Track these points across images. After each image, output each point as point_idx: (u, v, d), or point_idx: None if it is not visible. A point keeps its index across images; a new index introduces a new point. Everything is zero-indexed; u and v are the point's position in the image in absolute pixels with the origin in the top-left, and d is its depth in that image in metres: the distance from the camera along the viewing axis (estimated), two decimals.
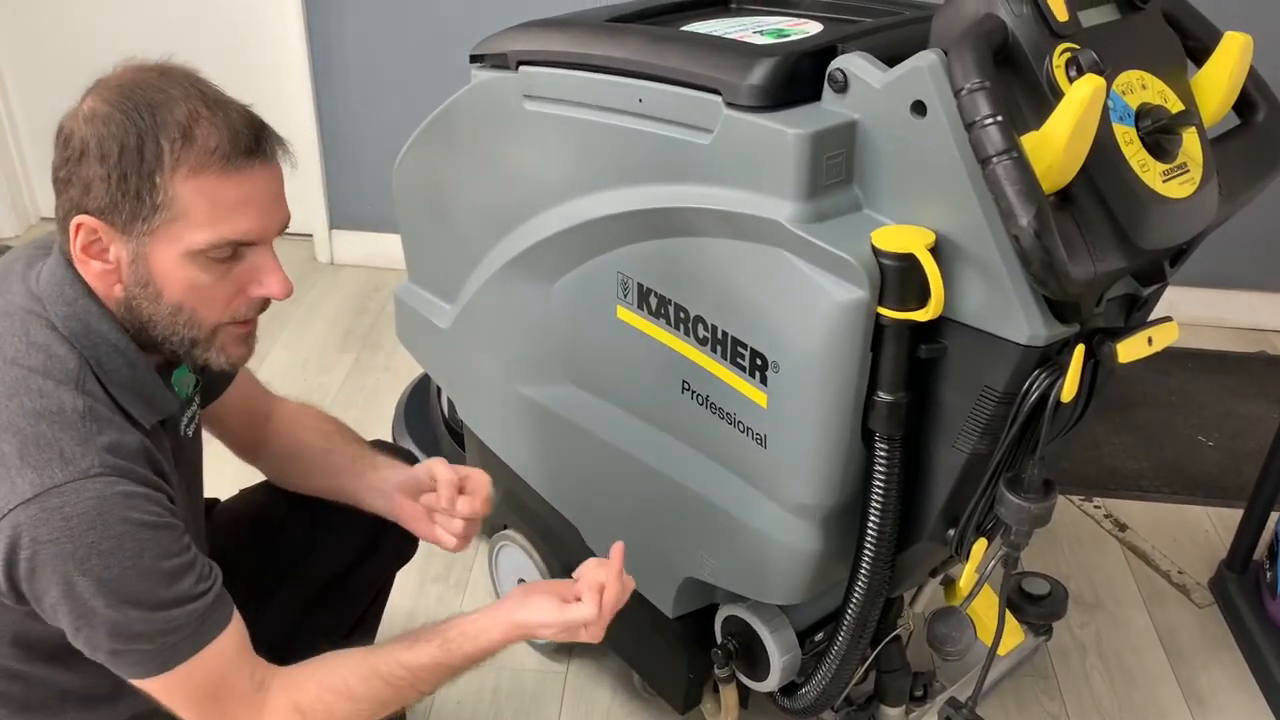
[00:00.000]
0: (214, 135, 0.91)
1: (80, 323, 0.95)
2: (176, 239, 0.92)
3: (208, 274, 0.95)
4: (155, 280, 0.94)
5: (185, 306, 0.96)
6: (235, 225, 0.94)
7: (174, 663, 0.95)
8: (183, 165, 0.90)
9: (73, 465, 0.88)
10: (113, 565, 0.89)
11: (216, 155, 0.91)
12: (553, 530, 1.59)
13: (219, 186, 0.92)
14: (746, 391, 1.15)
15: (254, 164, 0.94)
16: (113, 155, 0.90)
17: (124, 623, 0.91)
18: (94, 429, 0.91)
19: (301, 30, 2.72)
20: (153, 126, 0.90)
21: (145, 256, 0.93)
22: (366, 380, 2.50)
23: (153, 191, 0.90)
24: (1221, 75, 1.08)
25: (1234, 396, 2.52)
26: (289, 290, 1.00)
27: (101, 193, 0.91)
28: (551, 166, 1.29)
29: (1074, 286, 0.92)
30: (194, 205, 0.91)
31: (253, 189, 0.94)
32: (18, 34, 2.93)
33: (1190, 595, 1.94)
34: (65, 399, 0.91)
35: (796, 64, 1.06)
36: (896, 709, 1.44)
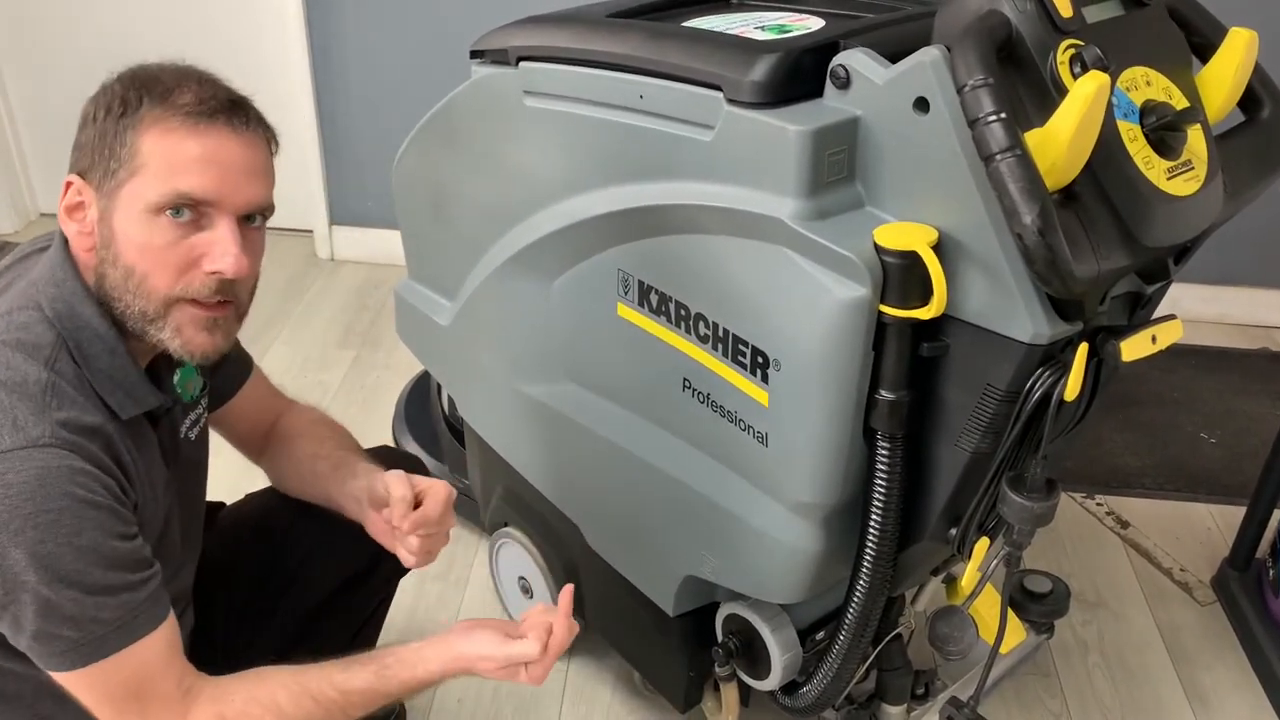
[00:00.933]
0: (188, 96, 0.94)
1: (66, 305, 0.96)
2: (136, 195, 0.94)
3: (160, 236, 0.94)
4: (115, 241, 0.95)
5: (137, 270, 0.95)
6: (189, 180, 0.93)
7: (100, 655, 0.92)
8: (156, 123, 0.93)
9: (22, 433, 0.88)
10: (48, 539, 0.87)
11: (182, 110, 0.93)
12: (553, 528, 1.59)
13: (180, 141, 0.93)
14: (748, 390, 1.14)
15: (218, 124, 0.94)
16: (100, 116, 0.95)
17: (54, 602, 0.88)
18: (52, 403, 0.90)
19: (302, 26, 2.71)
20: (139, 90, 0.94)
21: (110, 213, 0.95)
22: (367, 377, 2.50)
23: (122, 145, 0.93)
24: (1226, 71, 1.08)
25: (1236, 393, 2.51)
26: (240, 268, 0.96)
27: (84, 148, 0.96)
28: (551, 163, 1.29)
29: (1078, 285, 0.92)
30: (153, 157, 0.93)
31: (215, 149, 0.94)
32: (17, 31, 2.93)
33: (1192, 593, 1.94)
34: (30, 371, 0.91)
35: (798, 60, 1.05)
36: (898, 708, 1.44)
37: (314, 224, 3.00)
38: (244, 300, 1.03)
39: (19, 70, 2.99)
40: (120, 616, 0.92)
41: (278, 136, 1.02)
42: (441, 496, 1.19)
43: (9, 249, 1.10)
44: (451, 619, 1.83)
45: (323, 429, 1.32)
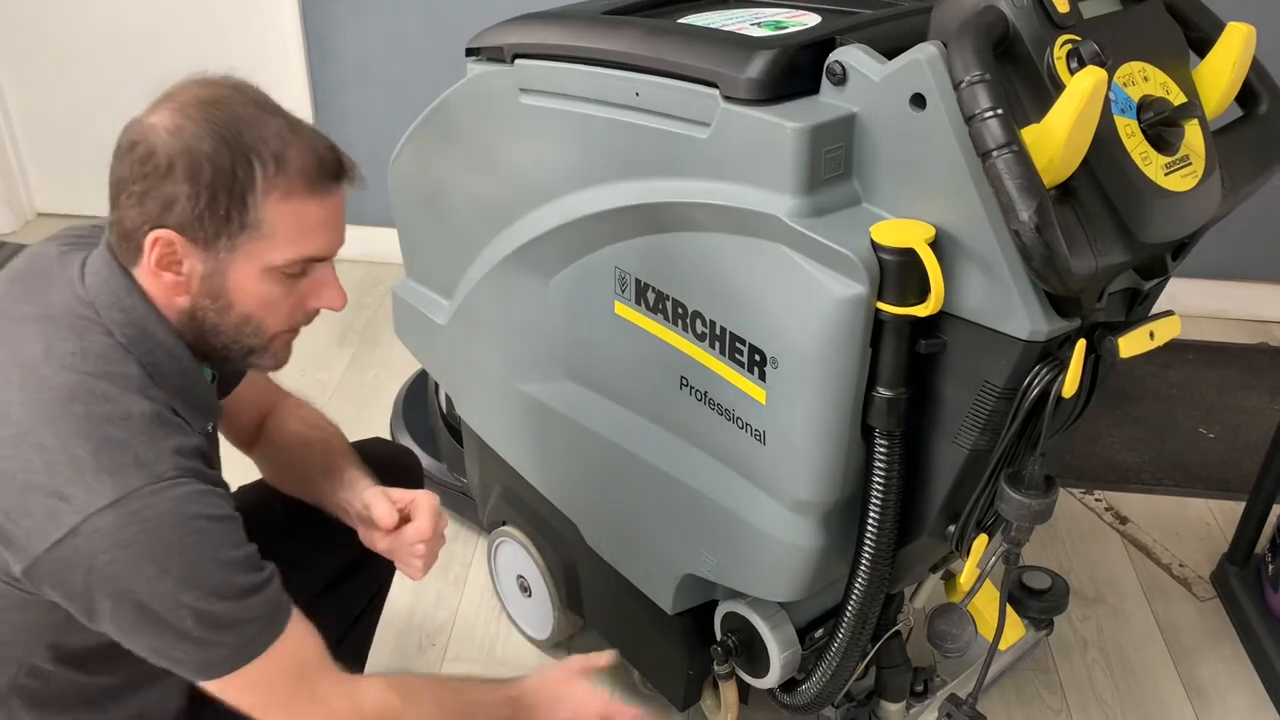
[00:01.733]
0: (304, 159, 0.95)
1: (137, 329, 0.96)
2: (257, 255, 0.95)
3: (280, 288, 0.98)
4: (228, 293, 0.97)
5: (254, 318, 0.99)
6: (315, 244, 0.98)
7: (258, 651, 0.95)
8: (275, 189, 0.93)
9: (147, 469, 0.89)
10: (197, 560, 0.90)
11: (305, 179, 0.95)
12: (551, 527, 1.59)
13: (305, 208, 0.96)
14: (745, 388, 1.14)
15: (333, 186, 0.98)
16: (204, 175, 0.91)
17: (210, 616, 0.91)
18: (162, 433, 0.92)
19: (297, 24, 2.71)
20: (244, 148, 0.92)
21: (223, 272, 0.96)
22: (364, 376, 2.49)
23: (243, 212, 0.93)
24: (1224, 67, 1.07)
25: (1235, 388, 2.51)
26: (345, 303, 1.05)
27: (187, 210, 0.92)
28: (547, 160, 1.28)
29: (1075, 281, 0.92)
30: (280, 225, 0.95)
31: (332, 210, 0.99)
32: (13, 31, 2.92)
33: (1191, 588, 1.94)
34: (132, 404, 0.92)
35: (794, 57, 1.05)
36: (897, 705, 1.44)
37: None
38: None
39: (16, 71, 2.98)
40: (265, 612, 0.96)
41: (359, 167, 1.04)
42: (428, 510, 1.20)
43: (6, 249, 1.08)
44: (450, 617, 1.83)
45: (314, 430, 1.32)
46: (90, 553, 0.87)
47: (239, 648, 0.94)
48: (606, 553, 1.48)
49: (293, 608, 0.99)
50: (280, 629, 0.97)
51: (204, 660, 0.94)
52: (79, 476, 0.87)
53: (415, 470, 1.44)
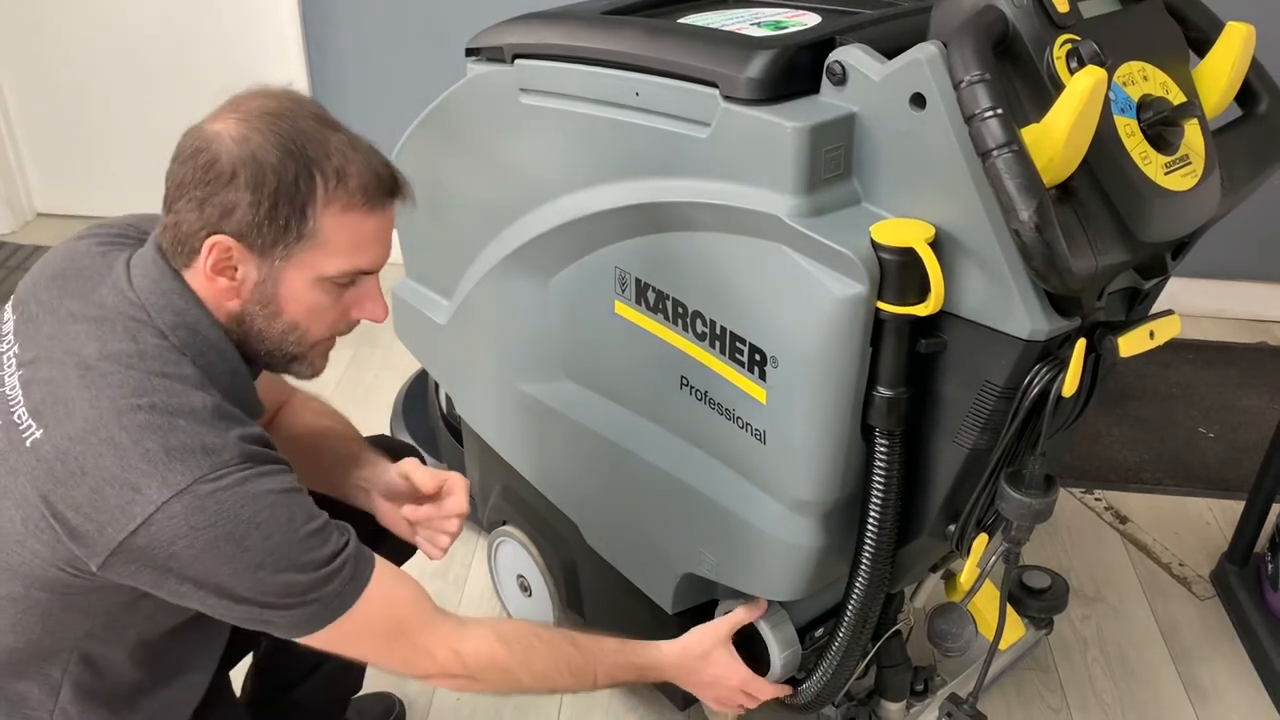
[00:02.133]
0: (363, 175, 0.98)
1: (189, 331, 0.98)
2: (311, 265, 0.98)
3: (328, 298, 1.01)
4: (278, 300, 1.00)
5: (300, 325, 1.02)
6: (367, 257, 1.01)
7: (345, 605, 0.98)
8: (335, 202, 0.96)
9: (216, 455, 0.92)
10: (273, 535, 0.93)
11: (364, 194, 0.98)
12: (551, 526, 1.59)
13: (362, 222, 0.99)
14: (745, 387, 1.14)
15: (388, 202, 1.01)
16: (267, 185, 0.94)
17: (292, 585, 0.95)
18: (224, 424, 0.95)
19: (297, 24, 2.71)
20: (306, 161, 0.95)
21: (275, 279, 0.98)
22: (364, 376, 2.49)
23: (302, 222, 0.96)
24: (1224, 66, 1.07)
25: (1235, 388, 2.51)
26: (387, 315, 1.08)
27: (247, 217, 0.95)
28: (548, 161, 1.28)
29: (1075, 281, 0.92)
30: (336, 237, 0.97)
31: (385, 225, 1.02)
32: (13, 31, 2.92)
33: (1191, 588, 1.94)
34: (194, 398, 0.95)
35: (794, 56, 1.05)
36: (897, 704, 1.44)
37: None
38: None
39: (16, 70, 2.98)
40: (348, 571, 0.98)
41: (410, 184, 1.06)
42: (461, 488, 1.24)
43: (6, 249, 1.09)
44: None
45: (325, 419, 1.34)
46: (167, 540, 0.90)
47: (324, 606, 0.97)
48: (606, 552, 1.48)
49: (376, 560, 1.02)
50: (363, 584, 0.99)
51: (293, 621, 0.97)
52: (151, 468, 0.90)
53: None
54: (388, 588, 1.02)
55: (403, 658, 1.05)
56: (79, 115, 2.98)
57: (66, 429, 0.91)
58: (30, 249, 2.98)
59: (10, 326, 1.01)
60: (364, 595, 0.99)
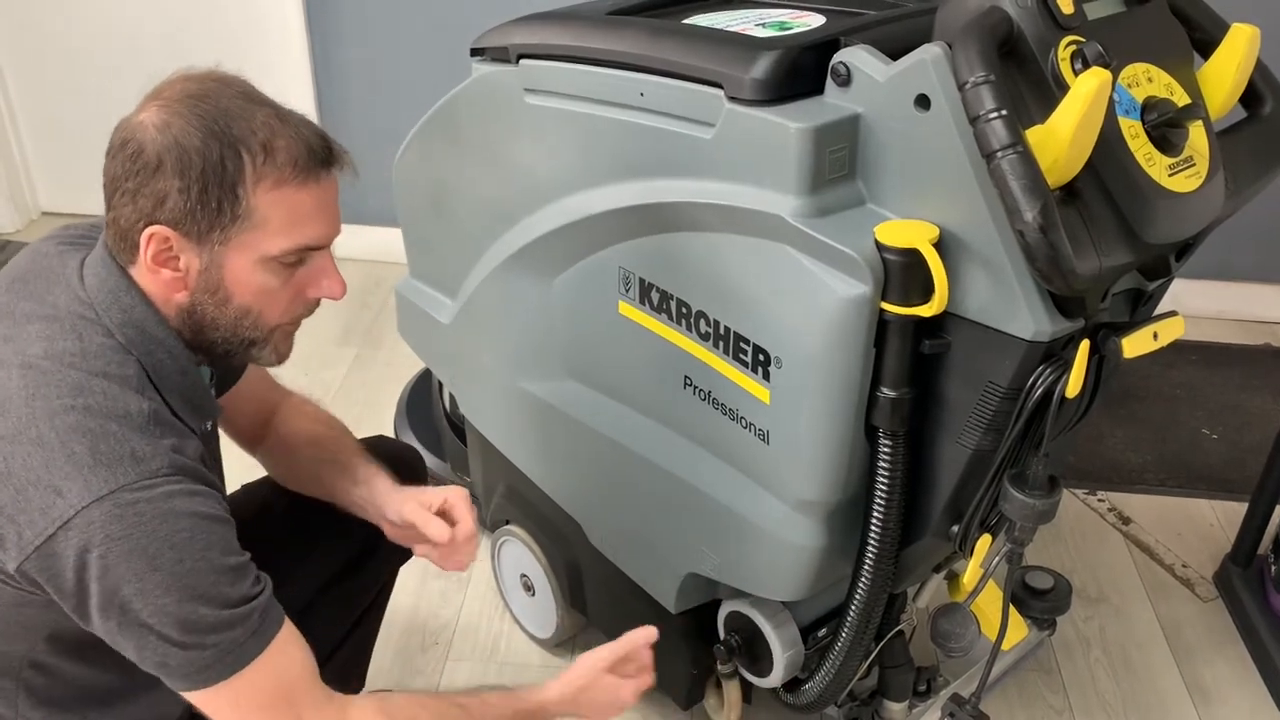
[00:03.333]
0: (293, 148, 0.95)
1: (137, 329, 0.96)
2: (252, 247, 0.95)
3: (277, 278, 0.98)
4: (225, 286, 0.97)
5: (252, 310, 0.99)
6: (309, 232, 0.98)
7: (242, 664, 0.94)
8: (265, 178, 0.93)
9: (144, 464, 0.89)
10: (185, 558, 0.89)
11: (296, 167, 0.95)
12: (555, 526, 1.59)
13: (296, 196, 0.95)
14: (749, 387, 1.14)
15: (323, 173, 0.98)
16: (194, 169, 0.92)
17: (194, 620, 0.90)
18: (159, 431, 0.93)
19: (302, 23, 2.71)
20: (232, 140, 0.92)
21: (219, 264, 0.96)
22: (368, 375, 2.49)
23: (234, 203, 0.93)
24: (1228, 68, 1.07)
25: (1238, 389, 2.51)
26: (345, 291, 1.04)
27: (179, 204, 0.93)
28: (552, 161, 1.29)
29: (1079, 282, 0.92)
30: (272, 215, 0.95)
31: (324, 197, 0.98)
32: (18, 30, 2.92)
33: (1194, 589, 1.94)
34: (131, 402, 0.92)
35: (799, 57, 1.05)
36: (900, 704, 1.44)
37: None
38: None
39: (21, 69, 2.98)
40: (253, 622, 0.94)
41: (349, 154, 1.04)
42: (465, 507, 1.23)
43: (10, 248, 1.09)
44: (453, 616, 1.84)
45: (320, 427, 1.32)
46: (81, 546, 0.87)
47: (223, 655, 0.92)
48: (610, 552, 1.48)
49: (284, 621, 0.98)
50: (267, 640, 0.95)
51: (188, 665, 0.92)
52: (76, 471, 0.87)
53: (419, 468, 1.44)
54: (288, 652, 0.97)
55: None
56: (84, 114, 2.98)
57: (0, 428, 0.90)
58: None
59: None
60: (264, 652, 0.94)
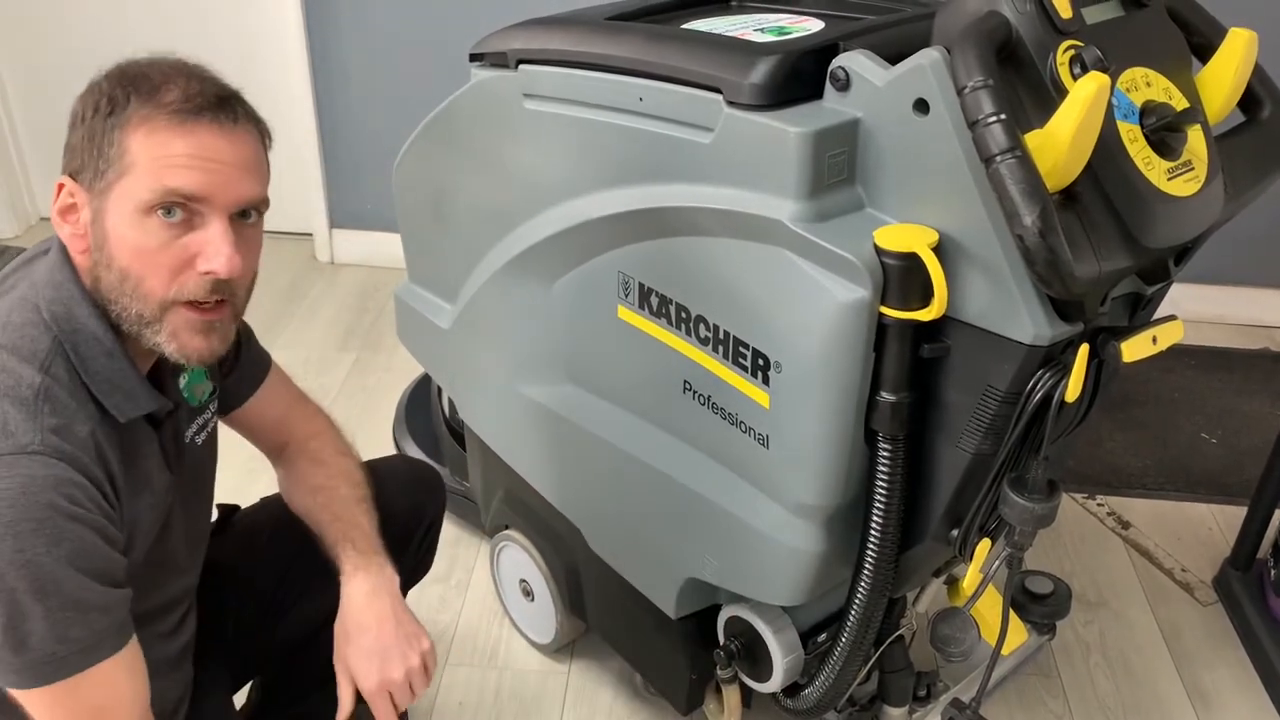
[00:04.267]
0: (178, 92, 0.93)
1: (64, 307, 0.95)
2: (126, 194, 0.92)
3: (154, 237, 0.92)
4: (108, 242, 0.94)
5: (132, 273, 0.93)
6: (178, 178, 0.91)
7: (61, 674, 0.89)
8: (143, 121, 0.92)
9: (12, 439, 0.87)
10: (26, 548, 0.85)
11: (169, 108, 0.92)
12: (554, 530, 1.59)
13: (167, 139, 0.91)
14: (748, 392, 1.14)
15: (204, 120, 0.93)
16: (88, 115, 0.93)
17: (22, 613, 0.86)
18: (45, 409, 0.90)
19: (301, 29, 2.71)
20: (127, 83, 0.93)
21: (102, 214, 0.93)
22: (367, 380, 2.49)
23: (110, 145, 0.92)
24: (1226, 72, 1.08)
25: (1237, 394, 2.51)
26: (233, 268, 0.94)
27: (75, 147, 0.94)
28: (551, 166, 1.29)
29: (1078, 286, 0.92)
30: (141, 155, 0.91)
31: (203, 145, 0.92)
32: (17, 36, 2.93)
33: (1194, 593, 1.94)
34: (24, 374, 0.91)
35: (798, 62, 1.05)
36: (900, 709, 1.43)
37: (314, 227, 2.99)
38: (241, 299, 1.01)
39: (19, 74, 2.99)
40: (85, 637, 0.90)
41: (270, 131, 1.01)
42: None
43: (9, 254, 1.10)
44: (453, 621, 1.83)
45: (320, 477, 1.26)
46: None
47: (40, 661, 0.88)
48: (609, 556, 1.48)
49: (127, 645, 0.94)
50: (96, 660, 0.91)
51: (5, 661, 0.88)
52: None
53: (438, 487, 1.43)
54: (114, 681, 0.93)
55: None
56: None
57: None
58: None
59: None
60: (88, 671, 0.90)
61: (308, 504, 1.25)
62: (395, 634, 1.13)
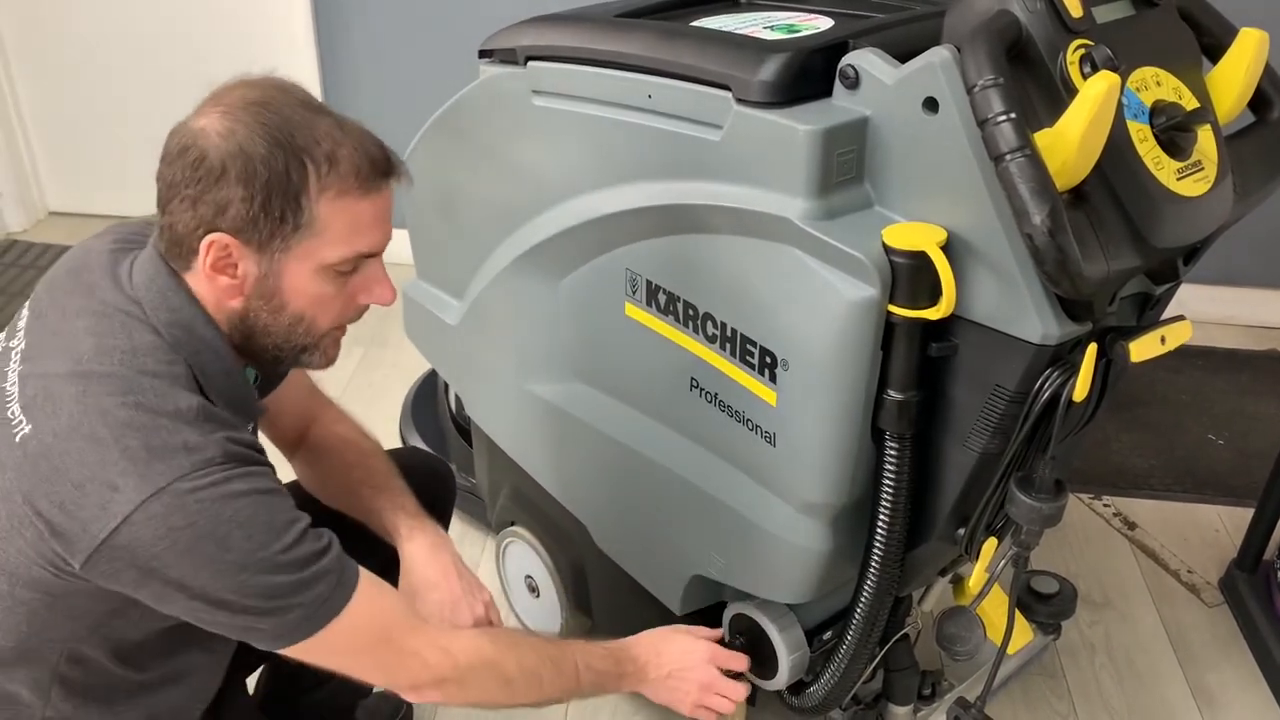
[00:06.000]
0: (355, 158, 0.96)
1: (184, 330, 0.98)
2: (312, 255, 0.97)
3: (332, 286, 1.00)
4: (282, 293, 0.99)
5: (307, 316, 1.01)
6: (368, 240, 0.99)
7: (331, 613, 0.96)
8: (328, 189, 0.95)
9: (198, 454, 0.91)
10: (254, 534, 0.91)
11: (358, 178, 0.96)
12: (560, 527, 1.59)
13: (358, 206, 0.97)
14: (756, 389, 1.14)
15: (383, 184, 0.99)
16: (259, 178, 0.92)
17: (275, 588, 0.93)
18: (211, 425, 0.94)
19: (309, 24, 2.72)
20: (296, 150, 0.93)
21: (277, 272, 0.97)
22: (374, 376, 2.50)
23: (297, 213, 0.94)
24: (1237, 72, 1.07)
25: (1244, 395, 2.50)
26: (395, 298, 1.05)
27: (242, 213, 0.93)
28: (559, 162, 1.29)
29: (1087, 285, 0.92)
30: (333, 224, 0.96)
31: (383, 207, 1.00)
32: (26, 30, 2.94)
33: (1200, 594, 1.93)
34: (180, 399, 0.94)
35: (807, 60, 1.05)
36: (904, 708, 1.44)
37: None
38: None
39: (29, 70, 2.99)
40: (331, 577, 0.96)
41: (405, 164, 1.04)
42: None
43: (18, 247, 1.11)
44: None
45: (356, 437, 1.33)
46: (148, 540, 0.88)
47: (310, 613, 0.95)
48: (615, 554, 1.48)
49: (360, 570, 1.00)
50: (350, 590, 0.97)
51: (278, 628, 0.95)
52: (132, 466, 0.88)
53: (449, 480, 1.45)
54: (373, 596, 1.00)
55: (393, 665, 1.02)
56: (91, 114, 2.99)
57: (52, 425, 0.91)
58: (43, 247, 2.99)
59: (24, 323, 1.02)
60: (350, 602, 0.97)
61: (346, 480, 1.28)
62: (460, 586, 1.21)
